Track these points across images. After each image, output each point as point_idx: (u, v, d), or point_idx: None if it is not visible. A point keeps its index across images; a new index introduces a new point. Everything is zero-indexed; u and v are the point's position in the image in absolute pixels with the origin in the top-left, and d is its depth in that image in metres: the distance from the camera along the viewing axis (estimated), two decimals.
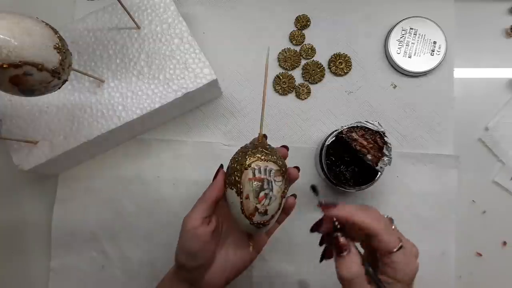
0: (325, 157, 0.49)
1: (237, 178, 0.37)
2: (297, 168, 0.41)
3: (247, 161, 0.37)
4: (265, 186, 0.36)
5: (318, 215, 0.54)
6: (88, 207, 0.55)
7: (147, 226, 0.55)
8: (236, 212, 0.37)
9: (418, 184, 0.54)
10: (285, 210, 0.41)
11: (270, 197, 0.36)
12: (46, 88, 0.37)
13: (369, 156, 0.47)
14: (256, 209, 0.36)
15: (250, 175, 0.36)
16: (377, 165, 0.47)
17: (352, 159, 0.49)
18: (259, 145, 0.39)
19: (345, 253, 0.33)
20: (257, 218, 0.37)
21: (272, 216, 0.37)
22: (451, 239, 0.53)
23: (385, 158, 0.47)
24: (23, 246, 0.56)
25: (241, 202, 0.36)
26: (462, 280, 0.52)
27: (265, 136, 0.42)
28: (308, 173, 0.55)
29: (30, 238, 0.56)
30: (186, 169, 0.55)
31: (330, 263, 0.54)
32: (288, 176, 0.40)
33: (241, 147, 0.41)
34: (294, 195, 0.42)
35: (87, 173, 0.56)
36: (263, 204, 0.36)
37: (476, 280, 0.53)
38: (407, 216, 0.54)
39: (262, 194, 0.36)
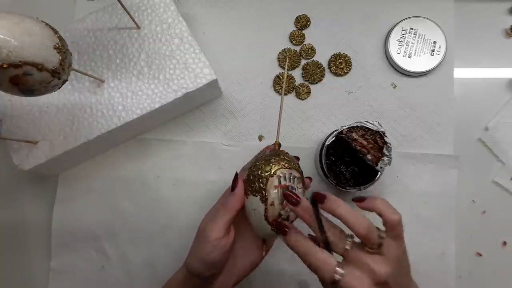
0: (325, 157, 0.49)
1: (262, 185, 0.37)
2: (310, 178, 0.43)
3: (272, 169, 0.38)
4: None
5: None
6: (88, 207, 0.55)
7: (147, 226, 0.55)
8: (257, 218, 0.38)
9: (418, 184, 0.54)
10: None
11: None
12: (46, 88, 0.37)
13: (369, 156, 0.47)
14: (280, 215, 0.37)
15: (276, 183, 0.37)
16: (377, 165, 0.47)
17: (352, 159, 0.49)
18: (279, 152, 0.40)
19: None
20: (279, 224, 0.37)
21: (292, 222, 0.38)
22: (451, 239, 0.53)
23: (385, 158, 0.47)
24: (23, 246, 0.56)
25: (265, 209, 0.37)
26: (462, 280, 0.52)
27: (279, 145, 0.43)
28: (308, 173, 0.54)
29: (30, 238, 0.56)
30: (186, 169, 0.55)
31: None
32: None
33: (261, 155, 0.42)
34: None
35: (87, 173, 0.56)
36: (286, 210, 0.37)
37: (476, 280, 0.53)
38: (407, 216, 0.53)
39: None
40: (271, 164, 0.38)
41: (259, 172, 0.38)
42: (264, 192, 0.37)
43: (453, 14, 0.57)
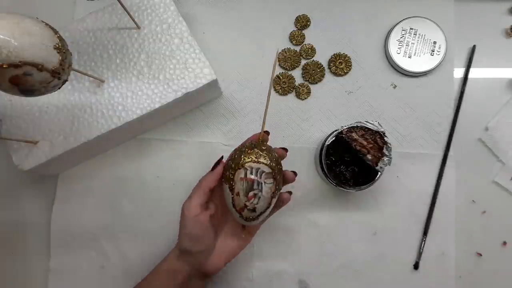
0: (325, 157, 0.49)
1: (230, 176, 0.40)
2: (294, 172, 0.43)
3: (241, 161, 0.39)
4: (255, 186, 0.39)
5: (318, 215, 0.54)
6: (88, 207, 0.55)
7: (147, 226, 0.55)
8: (228, 204, 0.40)
9: (418, 184, 0.54)
10: (278, 204, 0.43)
11: (259, 197, 0.39)
12: (46, 88, 0.37)
13: (369, 156, 0.47)
14: (245, 206, 0.39)
15: (242, 175, 0.39)
16: (377, 165, 0.47)
17: (352, 159, 0.49)
18: (257, 145, 0.41)
19: None
20: (246, 213, 0.39)
21: (261, 213, 0.40)
22: (451, 239, 0.53)
23: (385, 158, 0.47)
24: (23, 246, 0.56)
25: (233, 198, 0.39)
26: (462, 280, 0.52)
27: (267, 133, 0.44)
28: (308, 173, 0.55)
29: (29, 238, 0.56)
30: (186, 169, 0.55)
31: (333, 264, 0.54)
32: (283, 177, 0.42)
33: (240, 145, 0.43)
34: (290, 192, 0.44)
35: (87, 173, 0.56)
36: (251, 202, 0.39)
37: (476, 280, 0.53)
38: (407, 216, 0.54)
39: (251, 193, 0.38)
40: (242, 156, 0.39)
41: (230, 163, 0.40)
42: (231, 182, 0.39)
43: (453, 14, 0.57)
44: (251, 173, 0.39)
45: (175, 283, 0.43)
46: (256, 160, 0.39)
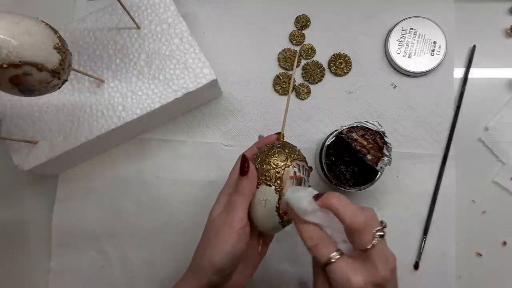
0: (325, 157, 0.49)
1: (277, 175, 0.36)
2: (310, 167, 0.41)
3: (288, 159, 0.37)
4: (302, 184, 0.37)
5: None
6: (88, 207, 0.55)
7: (147, 226, 0.55)
8: (268, 209, 0.36)
9: (418, 184, 0.54)
10: None
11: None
12: (46, 88, 0.37)
13: (369, 156, 0.47)
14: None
15: (292, 173, 0.36)
16: (377, 165, 0.47)
17: (352, 159, 0.49)
18: (287, 144, 0.40)
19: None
20: (287, 217, 0.37)
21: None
22: (451, 239, 0.53)
23: (385, 158, 0.47)
24: (23, 246, 0.56)
25: (279, 200, 0.36)
26: (462, 280, 0.52)
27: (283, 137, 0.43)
28: None
29: (30, 238, 0.56)
30: (186, 169, 0.55)
31: None
32: None
33: (272, 145, 0.40)
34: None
35: (87, 173, 0.56)
36: None
37: (476, 280, 0.53)
38: (407, 216, 0.54)
39: None
40: (286, 155, 0.37)
41: (276, 161, 0.37)
42: (279, 182, 0.36)
43: (453, 14, 0.57)
44: (299, 171, 0.37)
45: None
46: (300, 158, 0.38)
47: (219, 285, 0.37)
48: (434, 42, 0.55)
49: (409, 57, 0.55)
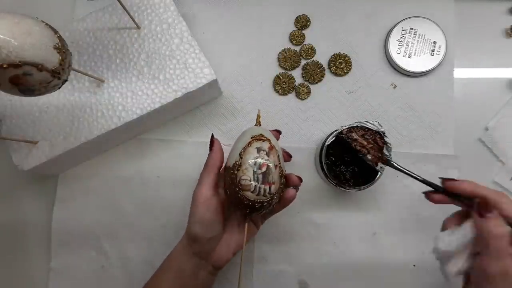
0: (325, 157, 0.49)
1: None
2: (300, 178, 0.43)
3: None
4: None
5: (318, 215, 0.54)
6: (88, 207, 0.55)
7: (147, 226, 0.55)
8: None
9: (418, 184, 0.54)
10: (284, 202, 0.42)
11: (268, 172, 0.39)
12: (46, 88, 0.37)
13: (369, 156, 0.47)
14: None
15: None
16: (377, 165, 0.47)
17: (352, 159, 0.49)
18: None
19: (491, 215, 0.35)
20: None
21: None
22: None
23: (385, 158, 0.47)
24: (23, 246, 0.56)
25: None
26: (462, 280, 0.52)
27: (279, 132, 0.46)
28: (308, 173, 0.55)
29: (30, 238, 0.56)
30: (186, 169, 0.55)
31: (333, 263, 0.54)
32: (288, 180, 0.42)
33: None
34: (296, 189, 0.43)
35: (87, 173, 0.56)
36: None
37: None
38: (407, 216, 0.54)
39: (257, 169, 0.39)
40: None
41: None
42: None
43: (453, 14, 0.57)
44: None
45: (183, 275, 0.42)
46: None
47: (204, 254, 0.43)
48: (434, 42, 0.55)
49: (409, 57, 0.55)
